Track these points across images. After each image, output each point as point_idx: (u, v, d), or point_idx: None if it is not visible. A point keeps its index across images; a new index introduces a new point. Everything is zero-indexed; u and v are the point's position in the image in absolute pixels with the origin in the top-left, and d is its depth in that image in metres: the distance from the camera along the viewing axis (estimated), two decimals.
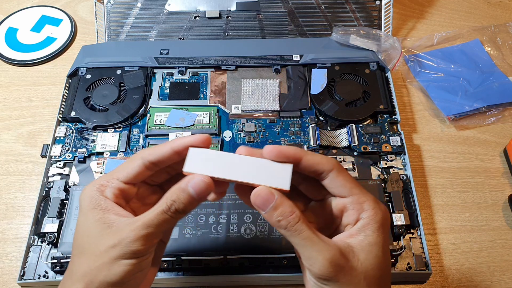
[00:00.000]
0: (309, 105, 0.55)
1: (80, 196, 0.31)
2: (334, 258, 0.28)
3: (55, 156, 0.51)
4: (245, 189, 0.31)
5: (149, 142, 0.52)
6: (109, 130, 0.53)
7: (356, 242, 0.30)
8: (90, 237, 0.29)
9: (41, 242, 0.46)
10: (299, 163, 0.31)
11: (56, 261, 0.44)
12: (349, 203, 0.31)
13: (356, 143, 0.51)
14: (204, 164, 0.30)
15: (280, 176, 0.30)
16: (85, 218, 0.30)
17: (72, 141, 0.52)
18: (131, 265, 0.28)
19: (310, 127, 0.53)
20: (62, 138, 0.53)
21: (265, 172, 0.30)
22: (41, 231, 0.45)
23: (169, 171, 0.34)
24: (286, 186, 0.29)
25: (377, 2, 0.63)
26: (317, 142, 0.51)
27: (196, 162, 0.30)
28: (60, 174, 0.50)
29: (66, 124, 0.54)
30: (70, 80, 0.58)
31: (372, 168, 0.50)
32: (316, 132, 0.52)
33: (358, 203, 0.31)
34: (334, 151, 0.52)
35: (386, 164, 0.51)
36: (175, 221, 0.30)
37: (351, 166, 0.50)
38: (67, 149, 0.52)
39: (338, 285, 0.29)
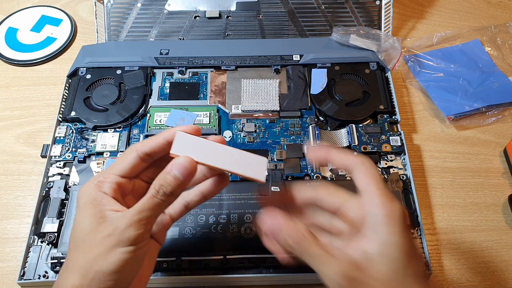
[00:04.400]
0: (309, 105, 0.55)
1: (77, 194, 0.32)
2: (345, 272, 0.27)
3: (55, 156, 0.51)
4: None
5: None
6: (109, 130, 0.53)
7: (371, 246, 0.28)
8: (85, 232, 0.30)
9: (41, 242, 0.46)
10: (329, 159, 0.32)
11: (56, 261, 0.44)
12: (364, 199, 0.30)
13: (356, 143, 0.51)
14: (188, 148, 0.31)
15: (257, 169, 0.32)
16: (81, 214, 0.31)
17: (72, 141, 0.52)
18: (126, 253, 0.29)
19: (310, 127, 0.53)
20: (62, 138, 0.53)
21: (244, 163, 0.32)
22: (41, 231, 0.45)
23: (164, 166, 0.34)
24: (262, 178, 0.31)
25: (377, 2, 0.63)
26: (317, 142, 0.51)
27: (181, 146, 0.31)
28: (60, 174, 0.50)
29: (66, 124, 0.54)
30: (70, 80, 0.58)
31: None
32: (316, 132, 0.52)
33: (370, 197, 0.29)
34: None
35: (386, 164, 0.51)
36: (165, 205, 0.31)
37: None
38: (67, 149, 0.52)
39: None
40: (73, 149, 0.52)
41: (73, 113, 0.54)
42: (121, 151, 0.51)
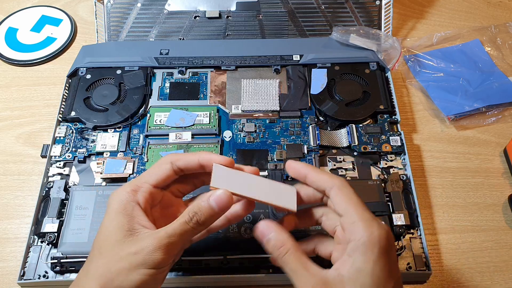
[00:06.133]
0: (309, 105, 0.55)
1: (109, 198, 0.32)
2: None
3: (55, 156, 0.51)
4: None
5: (149, 142, 0.52)
6: (109, 130, 0.53)
7: (346, 270, 0.29)
8: (111, 241, 0.30)
9: (41, 242, 0.46)
10: (306, 179, 0.33)
11: (56, 261, 0.43)
12: (344, 223, 0.31)
13: (356, 143, 0.51)
14: (227, 181, 0.33)
15: (288, 198, 0.34)
16: (109, 221, 0.31)
17: (72, 141, 0.52)
18: (149, 275, 0.29)
19: (310, 127, 0.53)
20: (62, 138, 0.53)
21: (276, 193, 0.34)
22: (41, 231, 0.45)
23: (195, 183, 0.36)
24: (293, 208, 0.34)
25: (377, 2, 0.63)
26: (317, 142, 0.51)
27: (220, 179, 0.33)
28: (60, 174, 0.50)
29: (66, 124, 0.54)
30: (70, 80, 0.58)
31: (372, 168, 0.50)
32: (316, 132, 0.52)
33: (349, 222, 0.30)
34: (334, 151, 0.52)
35: (386, 164, 0.51)
36: (195, 233, 0.31)
37: (351, 166, 0.50)
38: (67, 149, 0.52)
39: None
40: (73, 149, 0.51)
41: (73, 113, 0.54)
42: (121, 151, 0.51)
